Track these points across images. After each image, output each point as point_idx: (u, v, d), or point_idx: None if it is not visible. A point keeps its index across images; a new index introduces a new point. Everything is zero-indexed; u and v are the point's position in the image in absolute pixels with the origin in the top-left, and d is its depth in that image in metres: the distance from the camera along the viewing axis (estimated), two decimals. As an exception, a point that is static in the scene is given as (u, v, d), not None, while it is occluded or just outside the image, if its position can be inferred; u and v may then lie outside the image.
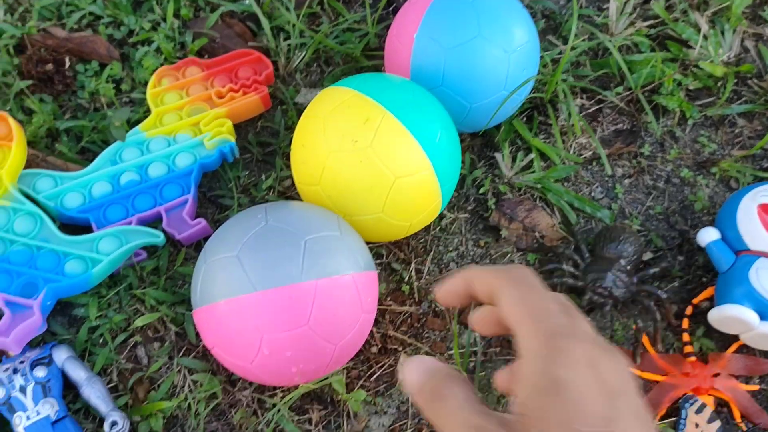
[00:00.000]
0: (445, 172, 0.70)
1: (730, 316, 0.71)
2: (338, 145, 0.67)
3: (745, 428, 0.71)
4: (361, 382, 0.73)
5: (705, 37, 0.94)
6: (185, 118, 0.84)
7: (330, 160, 0.68)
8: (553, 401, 0.31)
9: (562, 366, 0.31)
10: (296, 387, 0.71)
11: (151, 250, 0.78)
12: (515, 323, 0.34)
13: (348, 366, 0.73)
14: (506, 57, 0.76)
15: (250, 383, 0.72)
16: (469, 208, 0.84)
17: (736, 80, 0.93)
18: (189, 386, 0.72)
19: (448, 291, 0.40)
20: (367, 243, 0.71)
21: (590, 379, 0.31)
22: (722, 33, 0.95)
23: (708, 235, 0.77)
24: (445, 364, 0.36)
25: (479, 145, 0.88)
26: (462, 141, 0.87)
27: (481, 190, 0.84)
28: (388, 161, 0.67)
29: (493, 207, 0.83)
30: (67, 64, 0.90)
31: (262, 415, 0.71)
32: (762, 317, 0.71)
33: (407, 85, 0.72)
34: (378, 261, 0.80)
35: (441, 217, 0.83)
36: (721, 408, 0.73)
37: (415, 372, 0.36)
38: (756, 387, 0.73)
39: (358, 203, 0.69)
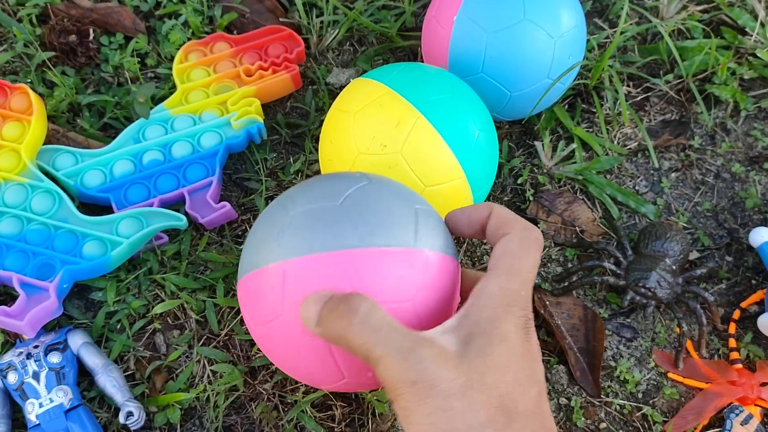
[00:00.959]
0: (478, 178, 0.66)
1: (782, 323, 0.67)
2: (367, 148, 0.63)
3: (793, 443, 0.67)
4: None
5: (762, 24, 0.88)
6: (212, 96, 0.80)
7: (357, 163, 0.64)
8: (496, 349, 0.38)
9: (509, 324, 0.39)
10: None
11: (172, 233, 0.75)
12: (499, 258, 0.42)
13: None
14: (552, 42, 0.71)
15: (272, 376, 0.69)
16: (506, 198, 0.80)
17: (794, 70, 0.87)
18: (208, 377, 0.69)
19: (468, 215, 0.46)
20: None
21: (522, 343, 0.40)
22: (781, 20, 0.89)
23: (760, 236, 0.73)
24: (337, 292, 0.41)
25: (518, 132, 0.84)
26: (500, 128, 0.83)
27: (519, 180, 0.80)
28: (417, 169, 0.63)
29: (531, 198, 0.79)
30: (91, 36, 0.86)
31: (284, 410, 0.68)
32: (816, 326, 0.67)
33: (444, 79, 0.67)
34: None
35: (475, 207, 0.79)
36: (769, 420, 0.68)
37: (311, 304, 0.40)
38: (807, 399, 0.69)
39: None
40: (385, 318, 0.38)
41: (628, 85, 0.87)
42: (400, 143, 0.63)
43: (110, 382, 0.66)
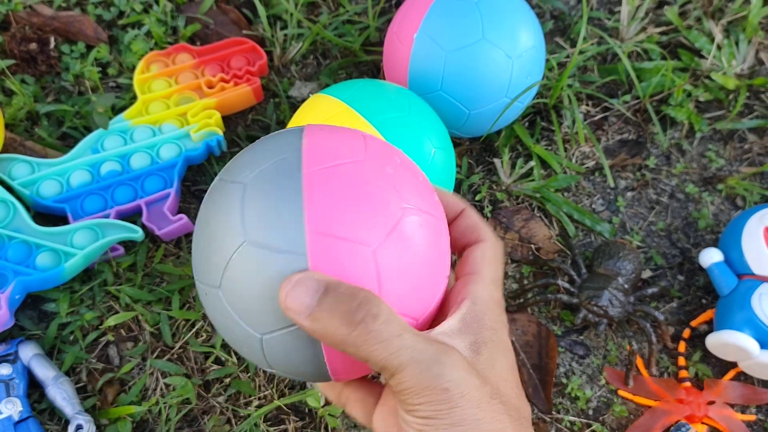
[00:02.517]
0: None
1: (729, 342, 0.68)
2: None
3: (738, 461, 0.68)
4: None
5: (719, 47, 0.90)
6: (172, 107, 0.80)
7: None
8: (504, 359, 0.37)
9: (505, 333, 0.38)
10: (272, 399, 0.68)
11: (128, 245, 0.75)
12: (480, 264, 0.39)
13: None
14: (510, 62, 0.72)
15: (225, 389, 0.69)
16: (464, 214, 0.81)
17: (748, 94, 0.89)
18: (161, 390, 0.69)
19: (446, 200, 0.41)
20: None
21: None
22: (737, 43, 0.91)
23: (710, 257, 0.74)
24: (339, 281, 0.33)
25: (478, 149, 0.85)
26: (460, 145, 0.84)
27: (478, 197, 0.81)
28: None
29: (489, 215, 0.80)
30: (52, 44, 0.86)
31: (237, 423, 0.68)
32: (762, 345, 0.68)
33: (402, 97, 0.68)
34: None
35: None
36: (715, 439, 0.70)
37: (302, 292, 0.33)
38: (752, 417, 0.70)
39: None
40: (401, 320, 0.34)
41: (587, 104, 0.88)
42: (357, 160, 0.63)
43: (60, 394, 0.65)
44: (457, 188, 0.81)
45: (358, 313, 0.32)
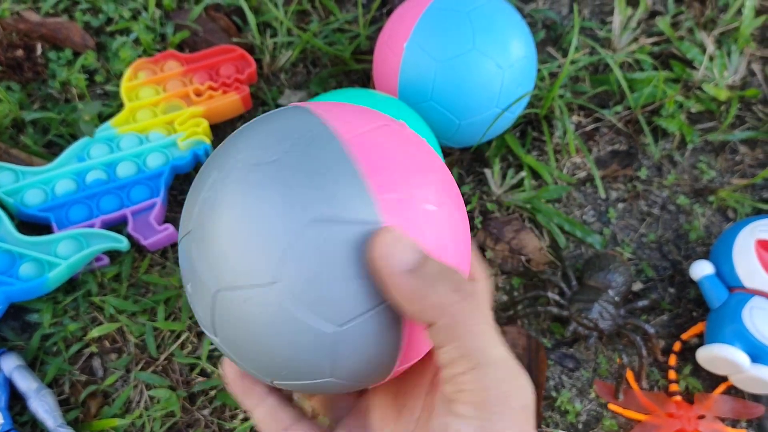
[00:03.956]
0: None
1: (719, 356, 0.68)
2: None
3: (729, 476, 0.68)
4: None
5: (710, 58, 0.90)
6: (160, 115, 0.80)
7: None
8: None
9: None
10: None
11: (114, 255, 0.74)
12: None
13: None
14: (500, 72, 0.71)
15: (210, 401, 0.68)
16: (454, 225, 0.80)
17: (740, 105, 0.89)
18: (145, 402, 0.68)
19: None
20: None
21: None
22: (728, 55, 0.91)
23: (701, 269, 0.74)
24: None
25: (468, 159, 0.84)
26: (451, 155, 0.83)
27: (468, 208, 0.80)
28: None
29: (479, 225, 0.79)
30: (39, 51, 0.85)
31: (221, 437, 0.67)
32: (753, 359, 0.67)
33: (392, 107, 0.67)
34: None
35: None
36: (706, 454, 0.69)
37: (405, 249, 0.29)
38: (743, 431, 0.70)
39: None
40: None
41: (579, 115, 0.88)
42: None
43: (42, 406, 0.64)
44: (447, 199, 0.81)
45: (469, 285, 0.29)
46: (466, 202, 0.81)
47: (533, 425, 0.30)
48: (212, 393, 0.68)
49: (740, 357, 0.67)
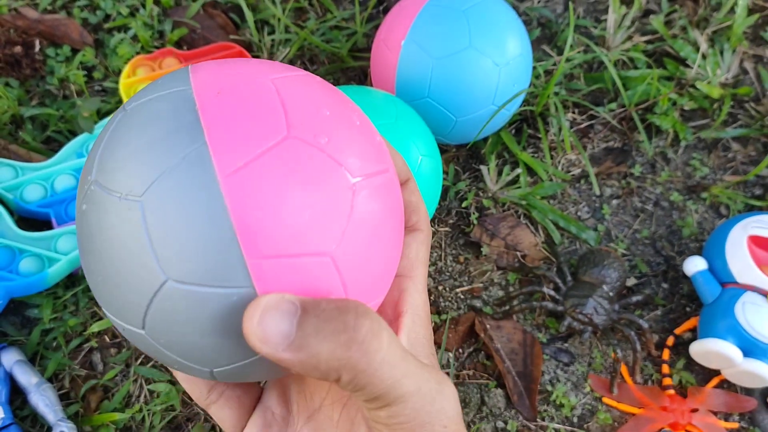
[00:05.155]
0: None
1: (712, 350, 0.69)
2: None
3: (721, 468, 0.69)
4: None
5: (704, 57, 0.90)
6: (158, 112, 0.80)
7: None
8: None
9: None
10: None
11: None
12: (414, 262, 0.34)
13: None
14: (497, 70, 0.72)
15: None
16: (451, 221, 0.81)
17: (732, 103, 0.90)
18: (145, 397, 0.68)
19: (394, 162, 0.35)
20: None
21: None
22: (721, 53, 0.92)
23: (694, 265, 0.75)
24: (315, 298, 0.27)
25: (464, 156, 0.85)
26: (447, 152, 0.84)
27: (464, 204, 0.81)
28: None
29: (475, 222, 0.80)
30: (37, 48, 0.85)
31: (221, 431, 0.67)
32: (745, 353, 0.68)
33: (389, 104, 0.68)
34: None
35: (420, 229, 0.79)
36: (698, 446, 0.70)
37: (276, 317, 0.26)
38: (735, 425, 0.71)
39: None
40: (398, 341, 0.29)
41: (574, 112, 0.89)
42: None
43: (43, 401, 0.65)
44: (444, 195, 0.81)
45: (356, 331, 0.26)
46: (462, 199, 0.81)
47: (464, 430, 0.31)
48: (211, 387, 0.69)
49: (733, 351, 0.68)
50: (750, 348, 0.68)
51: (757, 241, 0.72)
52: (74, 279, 0.72)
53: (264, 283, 0.26)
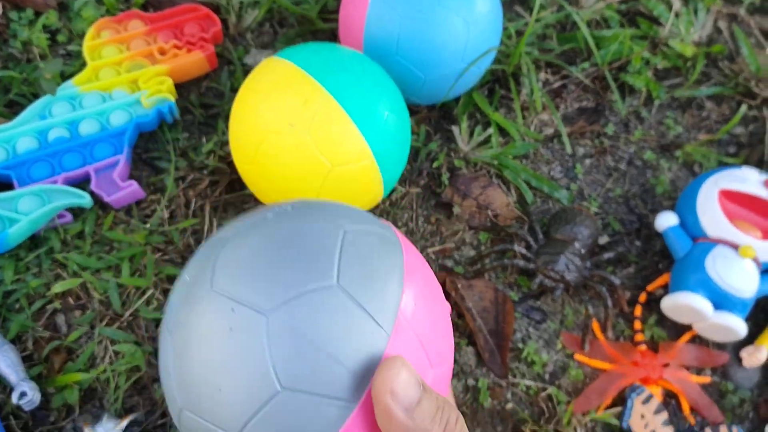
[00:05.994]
0: (387, 160, 0.66)
1: (682, 304, 0.68)
2: (274, 127, 0.62)
3: (693, 421, 0.68)
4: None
5: (677, 15, 0.90)
6: (123, 74, 0.79)
7: (265, 141, 0.63)
8: None
9: None
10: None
11: (77, 212, 0.73)
12: None
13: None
14: (466, 27, 0.71)
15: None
16: (422, 182, 0.80)
17: (706, 61, 0.89)
18: (110, 358, 0.67)
19: None
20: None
21: None
22: (695, 12, 0.91)
23: (665, 220, 0.74)
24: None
25: (436, 117, 0.84)
26: (418, 113, 0.83)
27: (435, 164, 0.80)
28: (325, 149, 0.62)
29: (446, 182, 0.79)
30: (0, 11, 0.84)
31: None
32: (716, 307, 0.68)
33: (355, 60, 0.67)
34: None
35: (392, 190, 0.78)
36: (669, 399, 0.70)
37: (411, 383, 0.30)
38: (707, 379, 0.71)
39: (293, 188, 0.64)
40: None
41: (546, 72, 0.88)
42: (308, 123, 0.62)
43: (4, 361, 0.64)
44: (415, 156, 0.80)
45: (451, 418, 0.31)
46: (434, 159, 0.80)
47: None
48: (178, 348, 0.68)
49: (703, 304, 0.67)
50: (721, 301, 0.68)
51: (728, 195, 0.72)
52: (37, 241, 0.71)
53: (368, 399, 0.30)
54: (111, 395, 0.66)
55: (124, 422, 0.62)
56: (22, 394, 0.62)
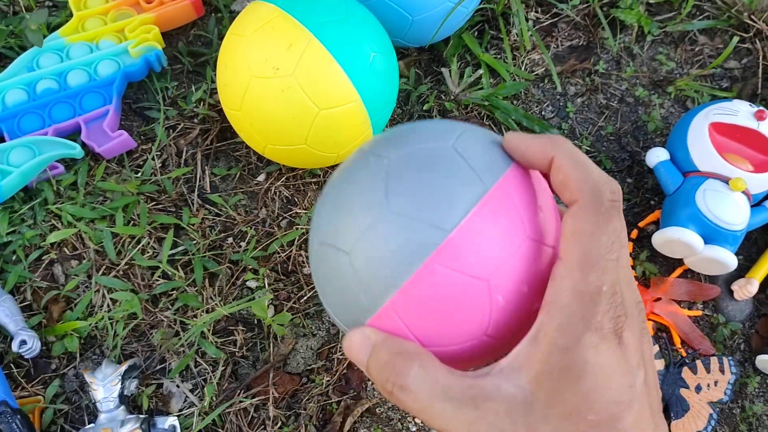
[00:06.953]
0: (375, 102, 0.66)
1: (673, 238, 0.69)
2: (260, 71, 0.62)
3: (684, 353, 0.69)
4: (290, 304, 0.70)
5: (669, -52, 0.88)
6: (110, 24, 0.78)
7: (251, 87, 0.63)
8: (571, 390, 0.28)
9: (589, 347, 0.28)
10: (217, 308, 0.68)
11: (69, 163, 0.74)
12: (568, 241, 0.30)
13: (278, 287, 0.70)
14: (449, -39, 0.70)
15: (173, 303, 0.69)
16: (413, 125, 0.80)
17: (699, -5, 0.88)
18: (108, 306, 0.69)
19: (529, 150, 0.33)
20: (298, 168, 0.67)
21: (614, 360, 0.28)
22: (688, -56, 0.89)
23: (656, 156, 0.74)
24: (391, 336, 0.31)
25: (426, 59, 0.83)
26: (407, 55, 0.83)
27: (426, 107, 0.80)
28: (311, 92, 0.62)
29: (437, 125, 0.79)
30: (-17, -36, 0.83)
31: (184, 336, 0.68)
32: (707, 241, 0.68)
33: (341, 2, 0.66)
34: (314, 180, 0.76)
35: (383, 134, 0.78)
36: (661, 333, 0.70)
37: (360, 347, 0.32)
38: (698, 312, 0.71)
39: (281, 133, 0.64)
40: (435, 382, 0.30)
41: (537, 11, 0.87)
42: (293, 66, 0.62)
43: (3, 311, 0.65)
44: (406, 99, 0.80)
45: (391, 382, 0.31)
46: (424, 102, 0.80)
47: None
48: (174, 294, 0.69)
49: (694, 238, 0.68)
50: (711, 235, 0.68)
51: (718, 128, 0.71)
52: (30, 193, 0.72)
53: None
54: (110, 342, 0.67)
55: (123, 367, 0.63)
56: (22, 343, 0.63)
